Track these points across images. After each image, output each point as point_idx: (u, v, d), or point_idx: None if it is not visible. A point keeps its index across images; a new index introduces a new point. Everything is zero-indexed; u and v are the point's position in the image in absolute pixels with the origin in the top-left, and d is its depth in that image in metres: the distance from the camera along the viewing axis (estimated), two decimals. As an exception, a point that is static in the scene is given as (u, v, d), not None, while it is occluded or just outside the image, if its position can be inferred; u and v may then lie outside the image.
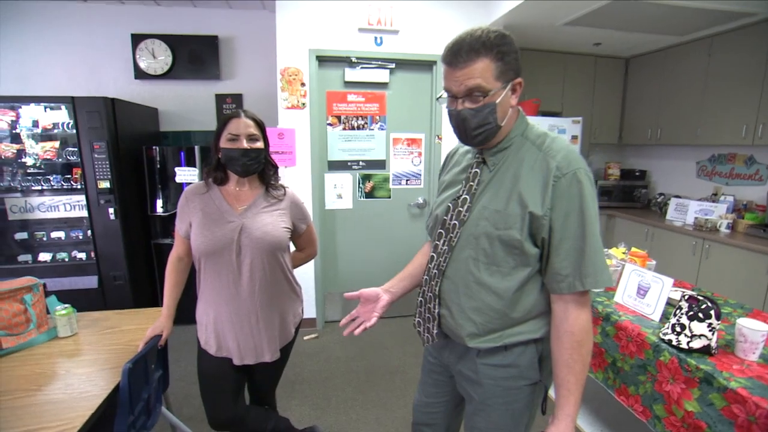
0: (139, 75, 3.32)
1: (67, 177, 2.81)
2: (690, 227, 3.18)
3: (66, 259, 2.87)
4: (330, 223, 3.11)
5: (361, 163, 3.08)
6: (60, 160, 2.77)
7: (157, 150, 2.93)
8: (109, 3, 3.20)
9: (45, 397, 1.14)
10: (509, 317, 0.92)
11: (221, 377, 1.38)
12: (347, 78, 2.92)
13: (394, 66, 2.97)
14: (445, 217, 0.97)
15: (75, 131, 2.66)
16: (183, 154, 2.97)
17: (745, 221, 2.99)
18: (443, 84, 0.89)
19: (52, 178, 2.79)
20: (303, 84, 2.82)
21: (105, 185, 2.73)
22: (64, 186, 2.80)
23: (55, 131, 2.74)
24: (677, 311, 1.40)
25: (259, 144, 1.33)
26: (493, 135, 0.89)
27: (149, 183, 2.97)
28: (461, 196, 0.95)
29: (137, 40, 3.26)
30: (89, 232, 2.80)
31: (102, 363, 1.33)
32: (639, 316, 1.61)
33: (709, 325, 1.30)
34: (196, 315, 1.40)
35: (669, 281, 1.56)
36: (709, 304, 1.31)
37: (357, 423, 2.04)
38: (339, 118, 2.99)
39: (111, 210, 2.77)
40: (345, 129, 3.01)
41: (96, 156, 2.69)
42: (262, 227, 1.32)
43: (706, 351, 1.31)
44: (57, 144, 2.75)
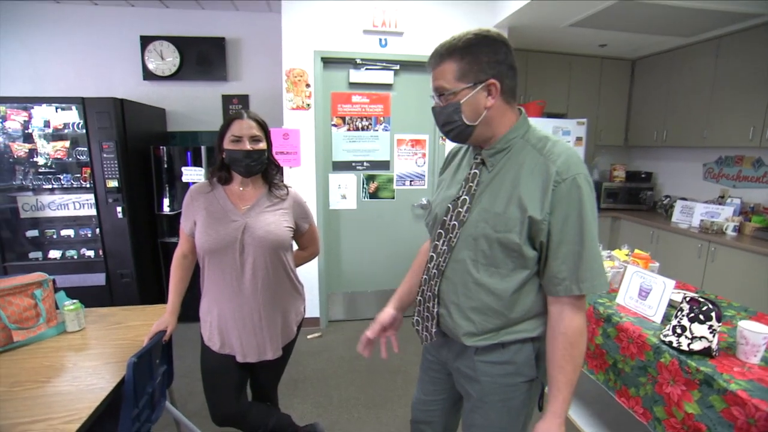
0: (148, 76, 3.37)
1: (77, 176, 2.87)
2: (696, 230, 3.16)
3: (75, 257, 2.92)
4: (334, 223, 3.13)
5: (366, 164, 3.10)
6: (70, 159, 2.83)
7: (165, 150, 2.97)
8: (119, 6, 3.26)
9: (53, 389, 1.17)
10: (507, 317, 0.93)
11: (224, 374, 1.41)
12: (352, 79, 2.94)
13: (398, 67, 2.99)
14: (445, 218, 0.98)
15: (85, 131, 2.72)
16: (190, 154, 3.01)
17: (753, 224, 2.96)
18: None
19: (62, 177, 2.85)
20: (308, 85, 2.84)
21: (113, 184, 2.78)
22: (73, 185, 2.86)
23: (66, 131, 2.80)
24: (678, 313, 1.39)
25: (262, 145, 1.35)
26: (466, 133, 0.93)
27: (156, 182, 3.01)
28: (461, 196, 0.96)
29: (146, 41, 3.32)
30: (97, 230, 2.86)
31: (108, 357, 1.36)
32: (640, 317, 1.61)
33: (710, 327, 1.29)
34: (200, 312, 1.42)
35: (671, 283, 1.56)
36: (710, 306, 1.31)
37: (358, 421, 2.06)
38: (343, 119, 3.01)
39: (119, 209, 2.82)
40: (349, 130, 3.03)
41: (105, 155, 2.74)
42: (265, 226, 1.34)
43: (706, 353, 1.30)
44: (67, 144, 2.80)
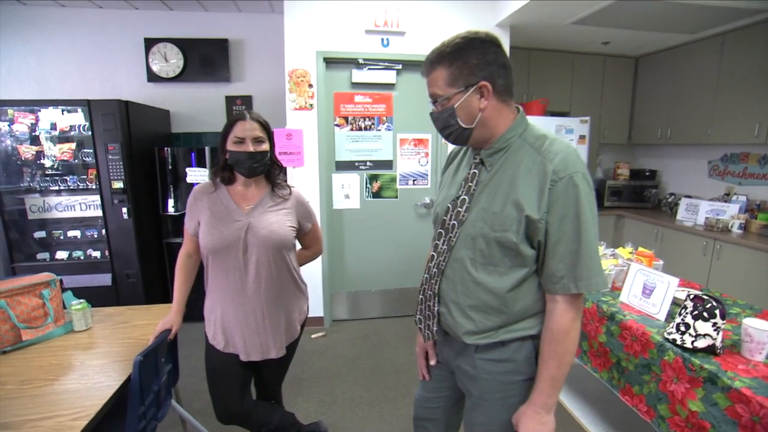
0: (152, 78, 3.40)
1: (83, 177, 2.90)
2: (701, 227, 3.13)
3: (81, 257, 2.95)
4: (337, 223, 3.14)
5: (369, 164, 3.10)
6: (76, 161, 2.86)
7: (169, 151, 3.00)
8: (123, 8, 3.29)
9: (61, 387, 1.19)
10: (507, 315, 0.93)
11: (228, 372, 1.42)
12: (354, 79, 2.95)
13: (400, 67, 2.99)
14: (445, 218, 0.99)
15: (90, 133, 2.75)
16: (194, 154, 3.03)
17: (758, 221, 2.94)
18: None
19: (68, 178, 2.88)
20: (311, 85, 2.86)
21: (118, 185, 2.81)
22: (80, 186, 2.89)
23: (72, 133, 2.82)
24: (682, 311, 1.39)
25: (265, 146, 1.35)
26: (464, 136, 0.93)
27: (161, 183, 3.04)
28: (460, 196, 0.97)
29: (150, 44, 3.34)
30: (103, 231, 2.89)
31: (114, 356, 1.38)
32: (644, 315, 1.61)
33: (714, 325, 1.29)
34: (204, 311, 1.43)
35: (674, 281, 1.56)
36: (714, 303, 1.31)
37: (362, 420, 2.06)
38: (346, 118, 3.02)
39: (124, 209, 2.84)
40: (352, 130, 3.04)
41: (110, 157, 2.77)
42: (268, 226, 1.35)
43: (710, 351, 1.30)
44: (73, 146, 2.83)
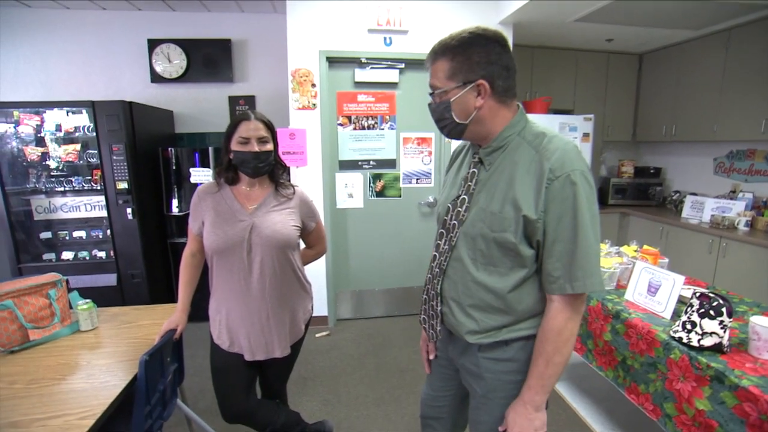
0: (155, 79, 3.41)
1: (88, 178, 2.91)
2: (706, 225, 3.11)
3: (87, 258, 2.97)
4: (341, 222, 3.14)
5: (372, 163, 3.10)
6: (81, 162, 2.88)
7: (173, 151, 3.01)
8: (127, 10, 3.31)
9: (68, 386, 1.20)
10: (509, 315, 0.93)
11: (233, 372, 1.42)
12: (357, 78, 2.95)
13: (403, 66, 2.99)
14: (446, 217, 0.99)
15: (95, 134, 2.76)
16: (197, 155, 3.04)
17: (765, 219, 2.92)
18: None
19: (73, 179, 2.90)
20: (314, 85, 2.86)
21: (123, 186, 2.83)
22: (85, 187, 2.90)
23: (77, 134, 2.84)
24: (688, 309, 1.38)
25: (269, 146, 1.36)
26: (457, 130, 0.94)
27: (165, 183, 3.05)
28: (460, 196, 0.97)
29: (153, 45, 3.35)
30: (108, 231, 2.90)
31: (120, 355, 1.39)
32: (649, 313, 1.60)
33: (721, 323, 1.28)
34: (209, 311, 1.44)
35: (680, 278, 1.55)
36: (721, 301, 1.30)
37: (367, 419, 2.07)
38: (349, 118, 3.02)
39: (129, 210, 2.86)
40: (355, 129, 3.04)
41: (115, 158, 2.78)
42: (271, 225, 1.35)
43: (717, 349, 1.29)
44: (78, 147, 2.85)
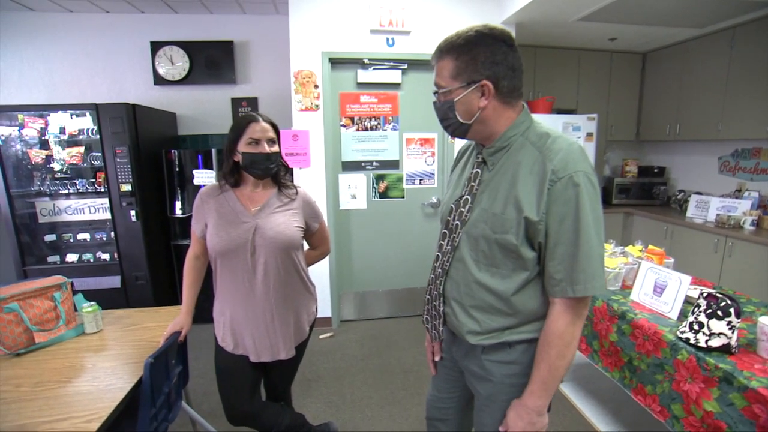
0: (158, 81, 3.42)
1: (92, 181, 2.92)
2: (712, 224, 3.09)
3: (91, 260, 2.98)
4: (344, 223, 3.14)
5: (375, 164, 3.10)
6: (85, 164, 2.89)
7: (176, 153, 3.02)
8: (129, 13, 3.32)
9: (74, 389, 1.20)
10: (511, 317, 0.92)
11: (238, 374, 1.42)
12: (360, 79, 2.95)
13: (406, 66, 2.98)
14: (449, 218, 0.99)
15: (99, 137, 2.77)
16: (200, 157, 3.05)
17: (771, 218, 2.90)
18: None
19: (77, 182, 2.91)
20: (316, 86, 2.86)
21: (127, 188, 2.83)
22: (88, 189, 2.91)
23: (81, 137, 2.85)
24: (695, 309, 1.37)
25: (276, 147, 1.36)
26: (461, 130, 0.92)
27: (168, 185, 3.06)
28: (463, 196, 0.96)
29: (156, 47, 3.37)
30: (112, 233, 2.91)
31: (125, 357, 1.39)
32: (656, 314, 1.58)
33: (729, 323, 1.27)
34: (213, 313, 1.44)
35: (687, 279, 1.53)
36: (729, 301, 1.28)
37: (371, 420, 2.06)
38: (352, 119, 3.02)
39: (132, 212, 2.87)
40: (358, 130, 3.04)
41: (118, 160, 2.79)
42: (275, 227, 1.35)
43: (725, 350, 1.28)
44: (82, 149, 2.86)
